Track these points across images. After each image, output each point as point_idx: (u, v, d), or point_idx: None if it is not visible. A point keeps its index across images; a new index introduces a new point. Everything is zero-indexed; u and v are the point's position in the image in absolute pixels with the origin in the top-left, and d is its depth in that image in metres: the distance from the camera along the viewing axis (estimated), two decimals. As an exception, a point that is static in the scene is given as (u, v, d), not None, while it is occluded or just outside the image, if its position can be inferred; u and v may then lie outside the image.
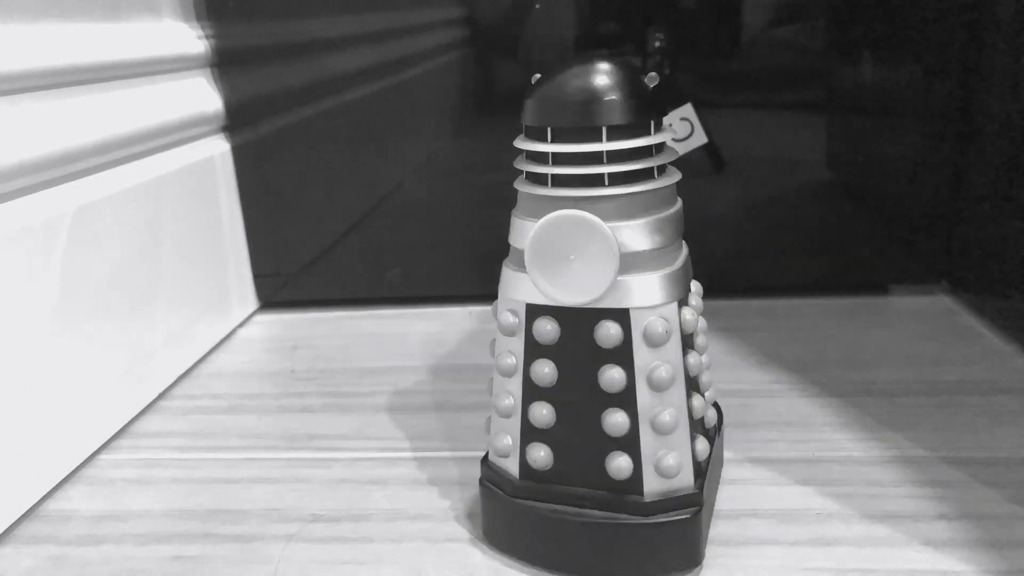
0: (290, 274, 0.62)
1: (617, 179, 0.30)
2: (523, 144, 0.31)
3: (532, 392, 0.31)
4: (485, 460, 0.34)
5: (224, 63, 0.58)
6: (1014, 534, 0.33)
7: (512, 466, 0.33)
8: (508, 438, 0.32)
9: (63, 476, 0.40)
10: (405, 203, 0.61)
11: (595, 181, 0.30)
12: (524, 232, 0.31)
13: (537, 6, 0.56)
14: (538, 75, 0.31)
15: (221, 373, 0.52)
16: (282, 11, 0.57)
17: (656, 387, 0.30)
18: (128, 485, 0.40)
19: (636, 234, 0.30)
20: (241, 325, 0.61)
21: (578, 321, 0.30)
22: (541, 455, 0.32)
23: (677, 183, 0.32)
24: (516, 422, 0.32)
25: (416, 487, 0.38)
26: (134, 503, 0.38)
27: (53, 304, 0.40)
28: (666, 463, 0.30)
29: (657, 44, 0.55)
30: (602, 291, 0.30)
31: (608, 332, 0.30)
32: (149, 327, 0.48)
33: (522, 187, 0.31)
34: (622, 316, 0.30)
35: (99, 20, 0.47)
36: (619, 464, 0.30)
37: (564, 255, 0.30)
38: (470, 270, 0.61)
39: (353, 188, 0.61)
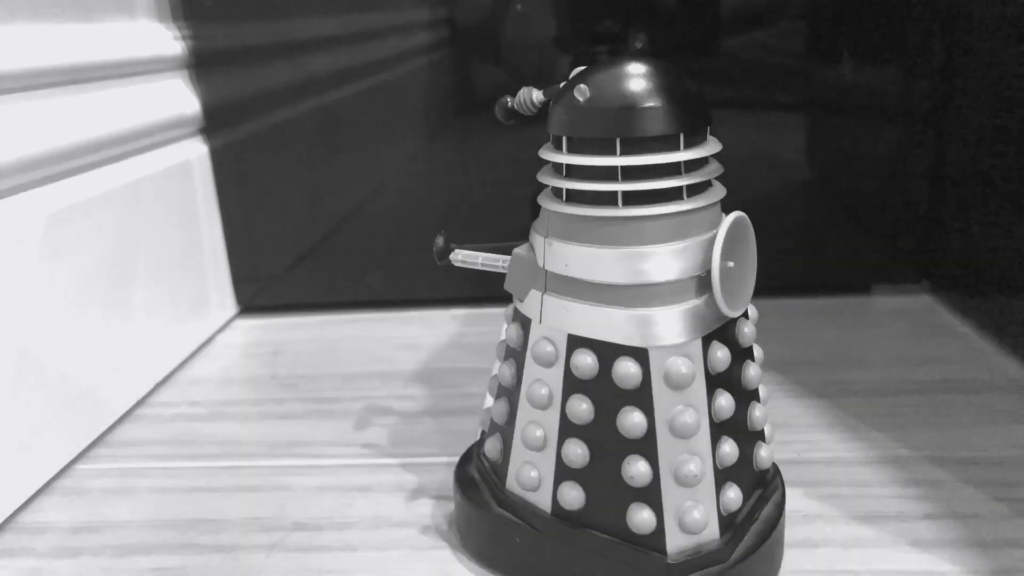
0: (270, 278, 0.62)
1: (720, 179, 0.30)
2: (628, 159, 0.27)
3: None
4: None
5: (201, 64, 0.57)
6: (1000, 533, 0.33)
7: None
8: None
9: (39, 487, 0.39)
10: (386, 205, 0.60)
11: (704, 186, 0.29)
12: (600, 262, 0.27)
13: (519, 7, 0.56)
14: (559, 84, 0.28)
15: (200, 379, 0.52)
16: (260, 12, 0.56)
17: None
18: (106, 495, 0.39)
19: None
20: (220, 330, 0.60)
21: (724, 327, 0.29)
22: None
23: None
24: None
25: (400, 494, 0.38)
26: (112, 514, 0.38)
27: (27, 310, 0.39)
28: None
29: (639, 45, 0.55)
30: (751, 292, 0.29)
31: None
32: (126, 333, 0.47)
33: (647, 208, 0.27)
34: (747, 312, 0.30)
35: (72, 21, 0.46)
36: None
37: (727, 266, 0.28)
38: (452, 272, 0.61)
39: (333, 190, 0.60)
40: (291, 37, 0.57)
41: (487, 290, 0.62)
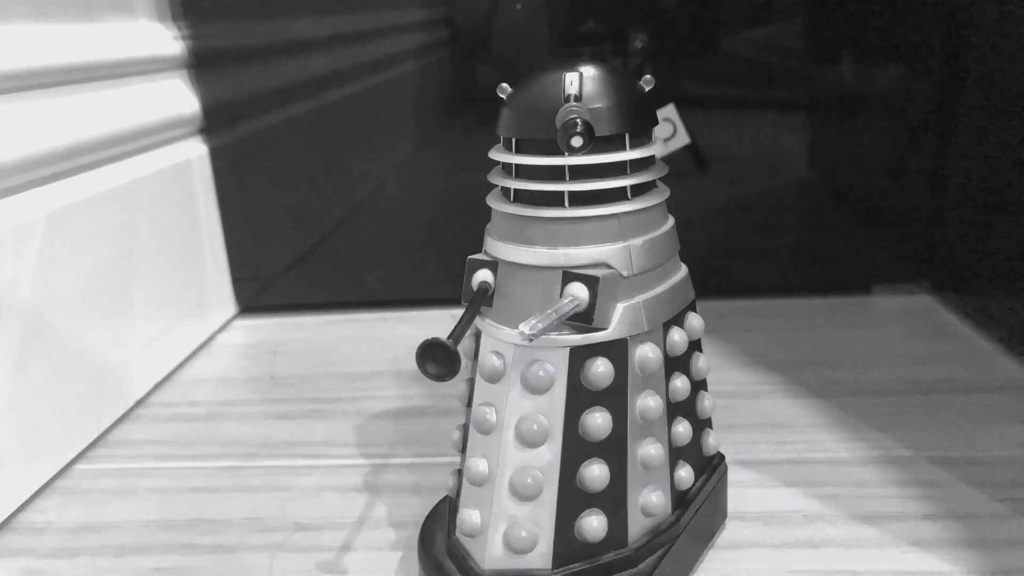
0: (269, 278, 0.62)
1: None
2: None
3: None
4: None
5: (201, 64, 0.57)
6: (1000, 533, 0.33)
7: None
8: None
9: (38, 487, 0.39)
10: (386, 205, 0.60)
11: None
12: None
13: (518, 6, 0.56)
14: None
15: (200, 379, 0.52)
16: (259, 12, 0.56)
17: None
18: (105, 495, 0.39)
19: None
20: (220, 330, 0.60)
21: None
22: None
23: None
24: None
25: (399, 494, 0.38)
26: (111, 514, 0.38)
27: (26, 310, 0.39)
28: None
29: (639, 45, 0.55)
30: None
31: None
32: (126, 333, 0.47)
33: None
34: None
35: (72, 20, 0.46)
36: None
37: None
38: (452, 273, 0.61)
39: (333, 190, 0.60)
40: (291, 37, 0.57)
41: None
